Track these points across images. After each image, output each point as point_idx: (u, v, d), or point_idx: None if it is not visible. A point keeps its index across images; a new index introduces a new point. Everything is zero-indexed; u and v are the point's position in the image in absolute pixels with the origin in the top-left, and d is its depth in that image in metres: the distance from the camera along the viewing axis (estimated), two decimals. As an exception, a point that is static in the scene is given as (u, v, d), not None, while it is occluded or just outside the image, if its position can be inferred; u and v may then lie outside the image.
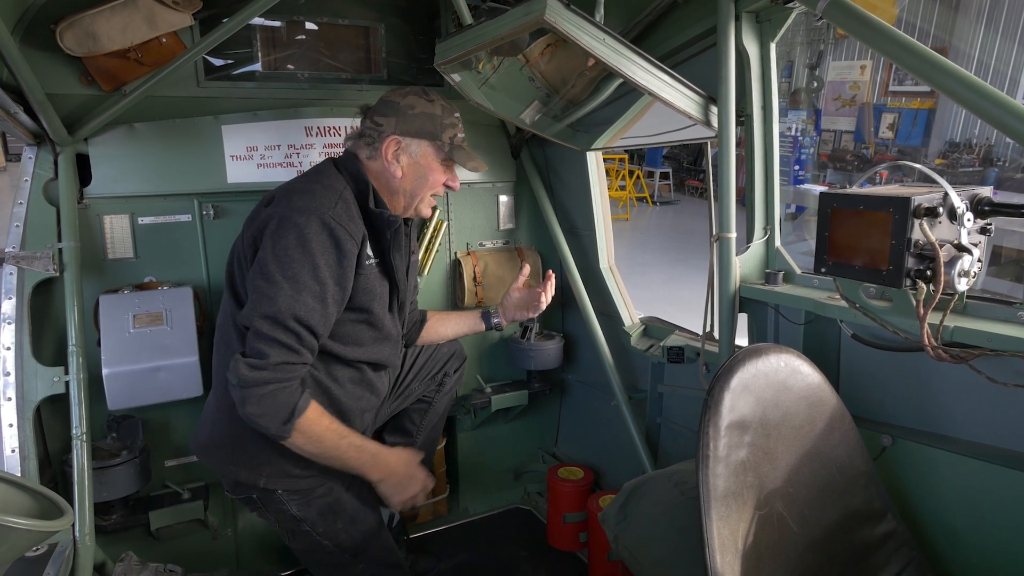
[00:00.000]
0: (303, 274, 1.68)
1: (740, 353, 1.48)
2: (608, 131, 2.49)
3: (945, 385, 1.66)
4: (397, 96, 1.91)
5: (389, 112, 1.89)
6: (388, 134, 1.88)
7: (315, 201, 1.75)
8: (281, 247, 1.69)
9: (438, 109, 1.92)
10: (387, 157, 1.89)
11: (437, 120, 1.91)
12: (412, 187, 1.94)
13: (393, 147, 1.88)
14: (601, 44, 1.75)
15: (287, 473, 1.88)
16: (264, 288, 1.69)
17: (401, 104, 1.88)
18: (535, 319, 2.83)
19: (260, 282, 1.70)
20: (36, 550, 1.82)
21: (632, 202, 14.05)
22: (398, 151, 1.89)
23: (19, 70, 1.75)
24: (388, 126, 1.88)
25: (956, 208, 1.45)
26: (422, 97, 1.91)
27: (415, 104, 1.89)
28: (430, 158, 1.93)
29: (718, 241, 2.01)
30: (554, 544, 2.86)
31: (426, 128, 1.89)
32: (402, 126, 1.88)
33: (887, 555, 1.56)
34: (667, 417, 2.62)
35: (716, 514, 1.32)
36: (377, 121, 1.89)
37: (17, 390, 2.06)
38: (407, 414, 2.51)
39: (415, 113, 1.88)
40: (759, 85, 1.99)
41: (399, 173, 1.90)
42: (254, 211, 1.88)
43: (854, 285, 1.66)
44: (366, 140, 1.90)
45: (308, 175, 1.90)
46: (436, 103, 1.92)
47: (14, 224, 2.12)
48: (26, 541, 1.02)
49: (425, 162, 1.92)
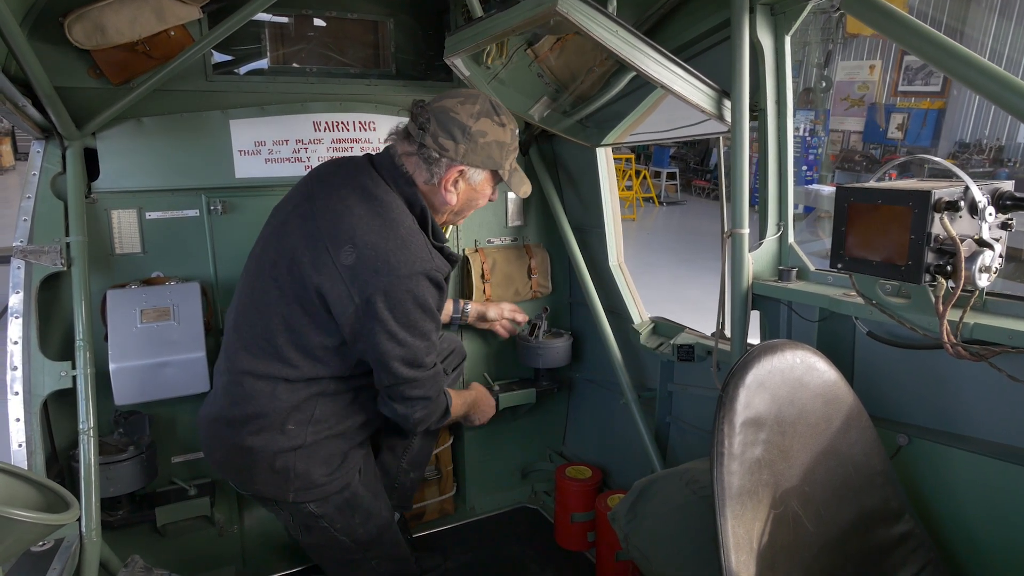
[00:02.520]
0: (427, 326, 1.78)
1: (755, 349, 1.46)
2: (618, 126, 2.47)
3: (963, 383, 1.63)
4: (466, 114, 1.73)
5: (458, 136, 1.73)
6: (455, 163, 1.76)
7: (414, 257, 1.71)
8: (402, 315, 1.71)
9: (508, 135, 1.80)
10: (446, 186, 1.79)
11: (505, 148, 1.81)
12: (460, 209, 1.90)
13: (455, 176, 1.78)
14: (614, 36, 1.73)
15: (313, 484, 1.89)
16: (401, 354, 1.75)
17: (472, 130, 1.73)
18: (544, 317, 2.82)
19: (393, 348, 1.74)
20: (42, 544, 1.81)
21: (639, 202, 14.01)
22: (458, 180, 1.80)
23: (28, 63, 1.74)
24: (455, 153, 1.74)
25: (977, 202, 1.42)
26: (493, 120, 1.77)
27: (486, 130, 1.75)
28: (486, 184, 1.87)
29: (731, 237, 1.98)
30: (561, 544, 2.84)
31: (493, 158, 1.79)
32: (471, 157, 1.76)
33: (904, 556, 1.54)
34: (677, 416, 2.59)
35: (731, 512, 1.30)
36: (443, 144, 1.73)
37: (24, 384, 2.05)
38: None
39: (486, 142, 1.76)
40: (773, 79, 1.96)
41: (454, 200, 1.83)
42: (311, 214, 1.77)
43: (871, 281, 1.63)
44: (424, 158, 1.75)
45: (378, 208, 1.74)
46: (507, 128, 1.80)
47: (22, 218, 2.11)
48: (32, 534, 1.01)
49: (480, 188, 1.86)
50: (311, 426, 1.85)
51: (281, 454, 1.83)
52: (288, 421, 1.81)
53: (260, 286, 1.83)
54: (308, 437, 1.85)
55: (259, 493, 1.94)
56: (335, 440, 1.91)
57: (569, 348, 2.88)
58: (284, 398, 1.80)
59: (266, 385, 1.80)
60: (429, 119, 1.74)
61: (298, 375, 1.80)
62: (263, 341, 1.81)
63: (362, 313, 1.70)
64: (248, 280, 1.89)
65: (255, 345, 1.82)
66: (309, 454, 1.86)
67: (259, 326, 1.82)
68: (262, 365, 1.80)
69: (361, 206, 1.75)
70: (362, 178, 1.80)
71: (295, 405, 1.81)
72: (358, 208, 1.74)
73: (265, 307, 1.81)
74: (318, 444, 1.87)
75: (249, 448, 1.82)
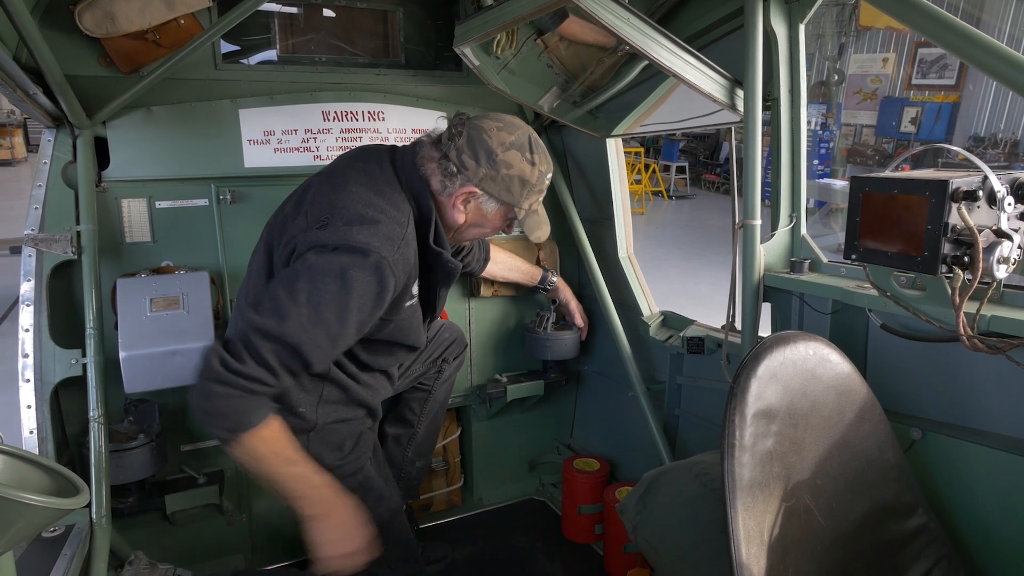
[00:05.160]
0: (328, 312, 1.54)
1: (767, 340, 1.44)
2: (629, 117, 2.45)
3: (979, 377, 1.60)
4: (498, 141, 1.66)
5: (482, 159, 1.67)
6: (469, 183, 1.70)
7: (378, 239, 1.57)
8: (320, 273, 1.53)
9: (535, 175, 1.72)
10: (455, 203, 1.74)
11: (528, 187, 1.72)
12: (467, 229, 1.84)
13: (466, 195, 1.72)
14: (626, 24, 1.71)
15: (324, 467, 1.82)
16: (282, 302, 1.52)
17: (498, 158, 1.66)
18: (551, 308, 2.81)
19: (281, 293, 1.54)
20: (53, 530, 1.82)
21: (648, 196, 13.94)
22: (469, 200, 1.74)
23: (38, 50, 1.74)
24: (473, 174, 1.68)
25: (996, 192, 1.39)
26: (524, 156, 1.69)
27: (512, 163, 1.68)
28: (497, 216, 1.79)
29: (742, 228, 1.96)
30: (569, 536, 2.83)
31: (512, 191, 1.71)
32: (488, 184, 1.69)
33: (918, 550, 1.52)
34: (686, 409, 2.58)
35: (741, 504, 1.28)
36: (464, 162, 1.67)
37: (35, 372, 2.06)
38: (407, 403, 2.50)
39: (509, 174, 1.68)
40: (787, 68, 1.93)
41: (461, 220, 1.77)
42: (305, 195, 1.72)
43: (885, 272, 1.61)
44: (443, 167, 1.70)
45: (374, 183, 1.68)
46: (536, 168, 1.71)
47: (33, 206, 2.12)
48: (42, 518, 1.01)
49: (491, 217, 1.78)
50: (320, 408, 1.84)
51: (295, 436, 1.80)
52: (299, 403, 1.81)
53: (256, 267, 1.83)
54: (319, 419, 1.84)
55: None
56: (345, 425, 1.91)
57: (577, 340, 2.87)
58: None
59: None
60: (462, 132, 1.69)
61: None
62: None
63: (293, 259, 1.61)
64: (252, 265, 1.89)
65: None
66: (321, 438, 1.85)
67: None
68: None
69: (357, 185, 1.69)
70: (372, 165, 1.76)
71: (302, 386, 1.80)
72: (353, 186, 1.68)
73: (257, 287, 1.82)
74: (328, 428, 1.87)
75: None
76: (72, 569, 1.70)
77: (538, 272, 2.71)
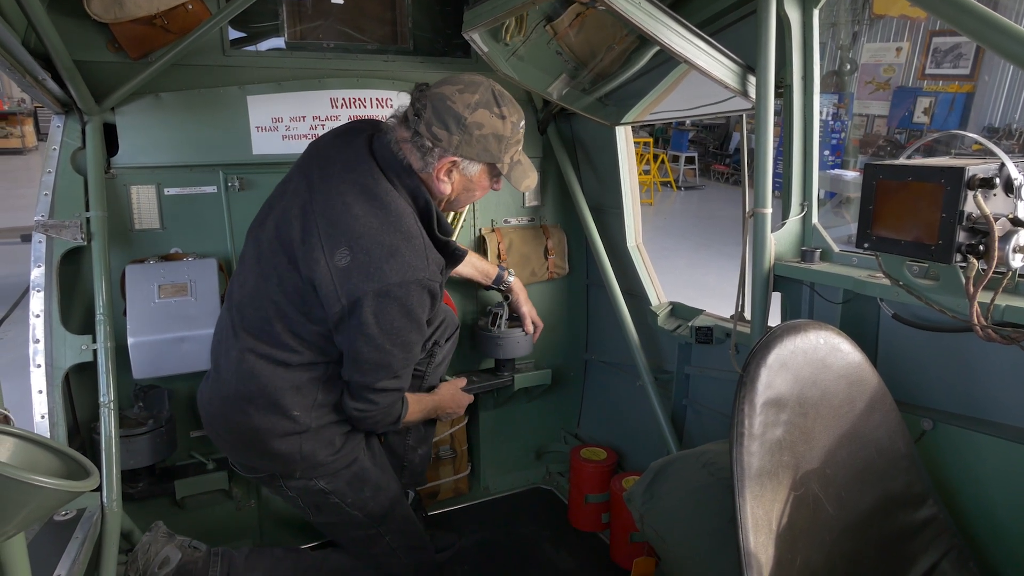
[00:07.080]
0: (412, 336, 1.78)
1: (777, 329, 1.43)
2: (639, 104, 2.43)
3: (991, 367, 1.59)
4: (463, 104, 1.67)
5: (452, 127, 1.67)
6: (447, 154, 1.71)
7: (408, 266, 1.67)
8: (386, 321, 1.69)
9: (507, 128, 1.72)
10: (439, 176, 1.75)
11: (504, 141, 1.73)
12: (456, 198, 1.85)
13: (447, 166, 1.74)
14: (637, 8, 1.69)
15: (318, 463, 1.90)
16: (376, 358, 1.76)
17: (468, 122, 1.67)
18: (504, 305, 2.68)
19: (371, 355, 1.74)
20: (64, 514, 1.84)
21: (656, 187, 13.87)
22: (451, 170, 1.76)
23: (47, 36, 1.74)
24: (448, 144, 1.69)
25: (1014, 180, 1.37)
26: (492, 112, 1.70)
27: (483, 122, 1.69)
28: (483, 176, 1.81)
29: (753, 217, 1.94)
30: (575, 524, 2.84)
31: (489, 150, 1.73)
32: (465, 149, 1.71)
33: (927, 541, 1.51)
34: (694, 399, 2.57)
35: (750, 493, 1.28)
36: (436, 134, 1.69)
37: (46, 357, 2.08)
38: None
39: (482, 135, 1.70)
40: (800, 54, 1.91)
41: (448, 190, 1.79)
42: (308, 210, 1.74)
43: (898, 262, 1.59)
44: (417, 145, 1.71)
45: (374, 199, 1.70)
46: (507, 120, 1.72)
47: (43, 192, 2.13)
48: (53, 501, 1.01)
49: (477, 180, 1.81)
50: (315, 411, 1.85)
51: (287, 436, 1.84)
52: (293, 407, 1.81)
53: (261, 271, 1.83)
54: (313, 422, 1.85)
55: (266, 470, 1.94)
56: (339, 425, 1.92)
57: (530, 339, 2.71)
58: (285, 378, 1.81)
59: (267, 366, 1.81)
60: (425, 105, 1.69)
61: (298, 360, 1.81)
62: (264, 324, 1.81)
63: (347, 314, 1.69)
64: (249, 264, 1.88)
65: (256, 327, 1.82)
66: (314, 437, 1.87)
67: (260, 311, 1.82)
68: (263, 347, 1.81)
69: (360, 206, 1.70)
70: (363, 174, 1.75)
71: (297, 387, 1.82)
72: (356, 208, 1.70)
73: (265, 294, 1.81)
74: (323, 429, 1.88)
75: (255, 428, 1.83)
76: (83, 552, 1.71)
77: (494, 270, 2.59)
